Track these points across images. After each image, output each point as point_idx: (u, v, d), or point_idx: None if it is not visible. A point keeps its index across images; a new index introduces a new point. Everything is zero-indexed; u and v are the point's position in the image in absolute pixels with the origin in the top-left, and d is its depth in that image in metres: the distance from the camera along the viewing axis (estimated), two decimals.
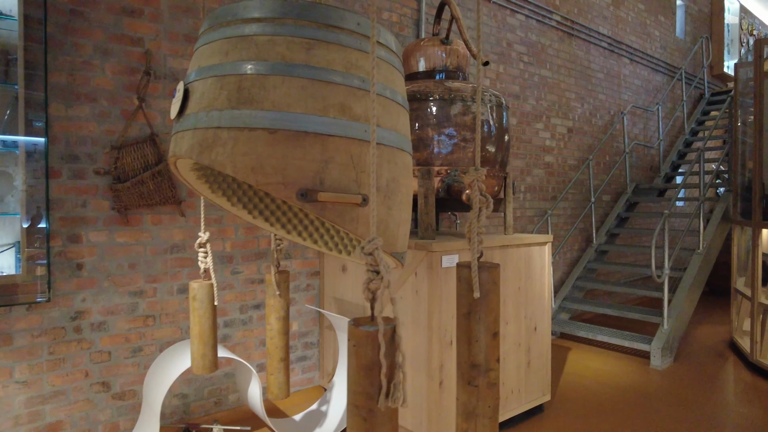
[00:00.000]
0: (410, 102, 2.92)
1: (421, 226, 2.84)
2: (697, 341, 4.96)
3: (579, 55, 5.86)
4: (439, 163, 2.90)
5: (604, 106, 6.27)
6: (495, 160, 3.06)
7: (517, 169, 5.12)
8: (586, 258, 5.63)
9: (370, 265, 0.98)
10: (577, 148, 5.85)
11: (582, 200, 5.91)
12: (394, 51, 1.51)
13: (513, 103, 5.05)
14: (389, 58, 1.45)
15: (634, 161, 6.73)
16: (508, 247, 3.01)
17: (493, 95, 3.07)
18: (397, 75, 1.50)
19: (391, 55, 1.47)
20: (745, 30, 9.95)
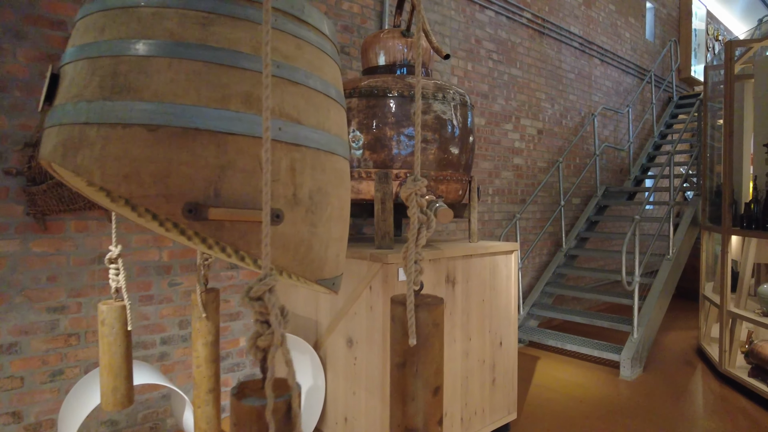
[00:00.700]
0: (367, 98, 2.67)
1: (377, 234, 2.60)
2: (666, 348, 4.87)
3: (550, 54, 5.71)
4: (399, 165, 2.66)
5: (575, 107, 6.15)
6: (459, 162, 2.84)
7: (485, 172, 4.93)
8: (555, 263, 5.49)
9: (259, 314, 0.73)
10: (546, 150, 5.71)
11: (551, 203, 5.77)
12: (326, 35, 1.25)
13: (481, 103, 4.86)
14: (318, 42, 1.19)
15: (604, 164, 6.65)
16: (472, 256, 2.79)
17: (456, 93, 2.85)
18: (329, 63, 1.24)
19: (322, 39, 1.22)
20: (711, 35, 10.06)
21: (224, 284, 3.16)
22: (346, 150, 1.29)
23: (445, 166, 2.75)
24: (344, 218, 1.25)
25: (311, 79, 1.13)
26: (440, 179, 2.74)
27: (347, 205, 1.28)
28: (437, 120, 2.69)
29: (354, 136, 2.68)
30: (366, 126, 2.66)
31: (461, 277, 2.73)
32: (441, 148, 2.71)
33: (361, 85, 2.70)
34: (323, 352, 2.82)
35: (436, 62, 4.38)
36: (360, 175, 2.70)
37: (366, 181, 2.70)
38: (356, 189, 2.74)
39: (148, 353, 2.88)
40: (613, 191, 6.32)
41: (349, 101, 2.72)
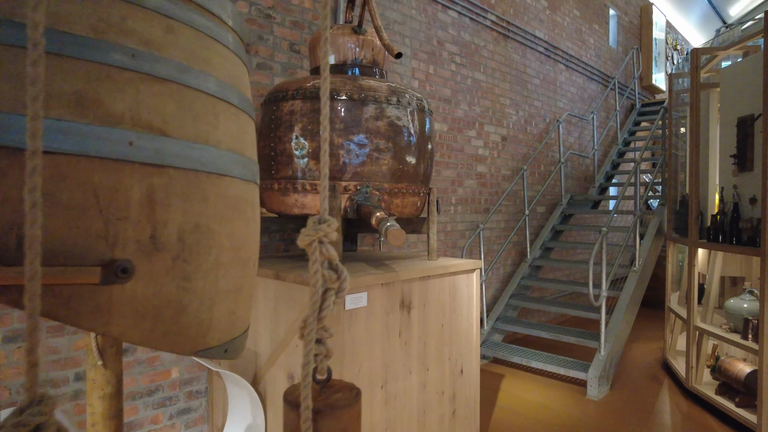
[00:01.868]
0: (312, 101, 2.37)
1: None
2: (632, 363, 4.74)
3: (515, 58, 5.55)
4: (348, 176, 2.37)
5: (540, 113, 6.01)
6: (416, 173, 2.57)
7: (447, 180, 4.69)
8: (520, 273, 5.31)
9: None
10: (511, 157, 5.53)
11: (516, 212, 5.59)
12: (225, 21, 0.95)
13: (444, 108, 4.63)
14: (208, 27, 0.89)
15: (569, 171, 6.54)
16: (430, 278, 2.53)
17: (414, 97, 2.58)
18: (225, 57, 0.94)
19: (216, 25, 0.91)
20: (670, 44, 10.21)
21: None
22: (249, 169, 0.99)
23: (400, 177, 2.48)
24: (243, 261, 0.94)
25: (189, 74, 0.82)
26: (395, 192, 2.46)
27: (250, 243, 0.98)
28: (391, 126, 2.42)
29: (297, 143, 2.38)
30: (311, 132, 2.36)
31: (418, 300, 2.46)
32: (396, 158, 2.44)
33: (306, 86, 2.40)
34: (263, 387, 2.50)
35: (396, 64, 4.12)
36: (304, 188, 2.40)
37: (311, 194, 2.40)
38: (301, 203, 2.43)
39: (59, 391, 2.49)
40: (578, 199, 6.21)
41: (292, 103, 2.42)
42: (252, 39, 3.18)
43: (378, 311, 2.26)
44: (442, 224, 4.63)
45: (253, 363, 2.57)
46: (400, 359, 2.37)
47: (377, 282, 2.23)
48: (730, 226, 3.50)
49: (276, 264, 2.61)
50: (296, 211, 2.46)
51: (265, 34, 3.25)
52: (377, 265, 2.55)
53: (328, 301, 0.66)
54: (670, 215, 4.66)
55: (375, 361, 2.24)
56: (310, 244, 0.65)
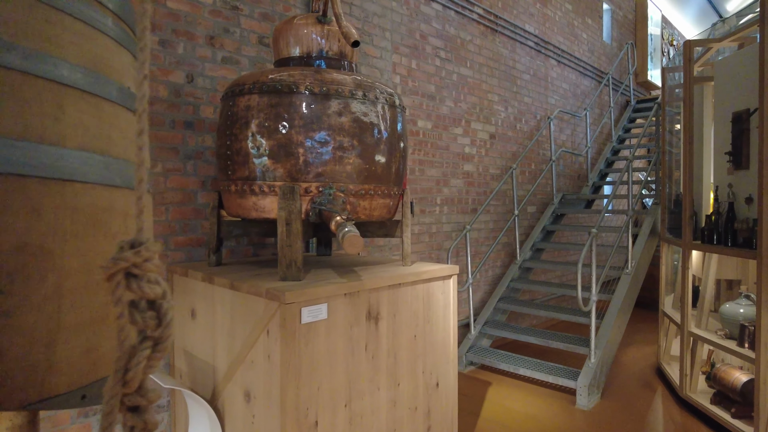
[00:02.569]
0: (269, 95, 2.18)
1: (281, 263, 2.12)
2: (624, 369, 4.56)
3: (503, 53, 5.36)
4: (310, 177, 2.18)
5: (530, 110, 5.83)
6: (386, 173, 2.39)
7: (432, 180, 4.51)
8: (509, 276, 5.13)
9: None
10: (499, 155, 5.35)
11: (505, 212, 5.41)
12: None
13: (428, 105, 4.44)
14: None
15: (561, 170, 6.37)
16: (401, 285, 2.34)
17: (384, 92, 2.40)
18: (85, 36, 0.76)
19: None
20: (666, 39, 10.03)
21: None
22: (119, 172, 0.80)
23: (367, 178, 2.29)
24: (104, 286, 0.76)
25: (14, 53, 0.64)
26: (361, 194, 2.28)
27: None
28: (357, 123, 2.23)
29: (254, 141, 2.19)
30: (268, 129, 2.17)
31: (387, 311, 2.28)
32: (362, 157, 2.25)
33: (264, 79, 2.22)
34: (221, 403, 2.32)
35: (375, 58, 3.94)
36: (262, 190, 2.21)
37: (270, 196, 2.21)
38: (259, 206, 2.24)
39: None
40: (571, 198, 6.03)
41: (248, 98, 2.23)
42: (216, 31, 2.99)
43: (340, 324, 2.08)
44: (426, 225, 4.45)
45: (211, 377, 2.39)
46: (367, 375, 2.19)
47: (339, 292, 2.05)
48: (726, 227, 3.33)
49: (238, 271, 2.43)
50: (254, 214, 2.28)
51: (231, 26, 3.06)
52: (345, 273, 2.37)
53: (140, 356, 0.47)
54: (664, 215, 4.48)
55: (337, 379, 2.06)
56: (111, 277, 0.46)
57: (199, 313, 2.50)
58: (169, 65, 2.80)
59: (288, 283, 2.05)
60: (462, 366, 4.45)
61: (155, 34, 2.74)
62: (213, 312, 2.37)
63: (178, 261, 2.85)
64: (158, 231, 2.76)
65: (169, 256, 2.81)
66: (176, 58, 2.82)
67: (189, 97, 2.87)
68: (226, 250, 3.06)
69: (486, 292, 5.18)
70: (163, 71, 2.77)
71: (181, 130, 2.85)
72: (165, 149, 2.78)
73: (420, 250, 4.39)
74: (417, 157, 4.35)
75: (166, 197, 2.79)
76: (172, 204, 2.81)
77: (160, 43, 2.76)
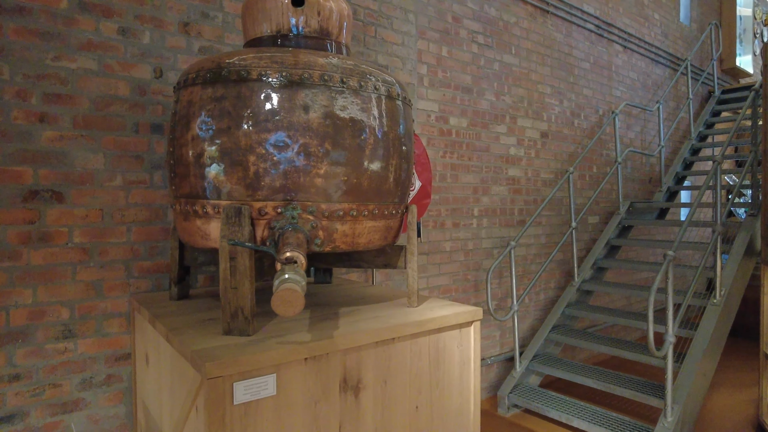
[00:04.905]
0: (213, 86, 1.64)
1: (223, 312, 1.56)
2: (712, 422, 3.65)
3: (557, 38, 4.58)
4: (264, 193, 1.61)
5: (591, 103, 4.99)
6: (380, 186, 1.78)
7: (468, 187, 3.83)
8: (564, 300, 4.34)
9: None
10: (553, 157, 4.57)
11: (560, 224, 4.62)
12: None
13: (462, 99, 3.77)
14: None
15: (628, 173, 5.45)
16: (396, 341, 1.72)
17: (381, 80, 1.79)
18: None
19: None
20: (760, 19, 8.67)
21: (53, 361, 2.17)
22: None
23: (349, 194, 1.69)
24: None
25: None
26: (339, 215, 1.68)
27: None
28: (330, 120, 1.64)
29: (195, 146, 1.65)
30: (212, 130, 1.63)
31: (374, 376, 1.67)
32: (341, 165, 1.66)
33: (209, 66, 1.67)
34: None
35: (395, 45, 3.32)
36: (205, 211, 1.67)
37: (215, 219, 1.66)
38: (205, 232, 1.70)
39: None
40: (640, 207, 5.11)
41: (191, 91, 1.70)
42: (192, 16, 2.51)
43: (298, 400, 1.49)
44: (461, 241, 3.78)
45: None
46: None
47: (296, 356, 1.46)
48: None
49: (194, 311, 1.91)
50: (201, 242, 1.74)
51: (211, 10, 2.57)
52: (323, 318, 1.78)
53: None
54: (765, 229, 3.55)
55: None
56: None
57: (151, 359, 2.00)
58: (131, 58, 2.33)
59: (228, 341, 1.49)
60: (503, 409, 3.74)
61: (113, 20, 2.28)
62: (159, 362, 1.87)
63: (144, 291, 2.38)
64: (117, 255, 2.29)
65: (132, 285, 2.34)
66: (141, 50, 2.36)
67: (157, 95, 2.40)
68: (204, 276, 2.56)
69: (536, 319, 4.42)
70: (123, 65, 2.31)
71: (147, 134, 2.37)
72: (126, 158, 2.32)
73: (453, 271, 3.72)
74: (449, 161, 3.69)
75: (128, 215, 2.32)
76: (135, 223, 2.34)
77: (120, 31, 2.30)
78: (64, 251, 2.17)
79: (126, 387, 2.33)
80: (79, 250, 2.20)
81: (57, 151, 2.15)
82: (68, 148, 2.18)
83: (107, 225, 2.27)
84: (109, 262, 2.27)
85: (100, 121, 2.25)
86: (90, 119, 2.23)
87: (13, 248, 2.07)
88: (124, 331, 2.32)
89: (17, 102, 2.07)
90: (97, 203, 2.25)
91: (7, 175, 2.06)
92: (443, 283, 3.65)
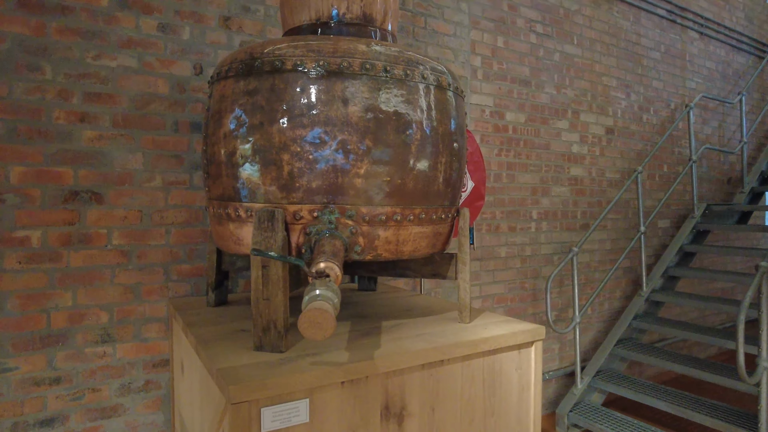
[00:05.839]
0: (246, 78, 1.50)
1: (255, 325, 1.42)
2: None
3: (623, 25, 4.20)
4: (300, 197, 1.46)
5: (661, 96, 4.56)
6: (429, 187, 1.59)
7: (526, 188, 3.56)
8: (631, 311, 3.96)
9: None
10: (620, 155, 4.20)
11: (627, 229, 4.24)
12: None
13: (519, 92, 3.50)
14: None
15: (704, 172, 4.96)
16: (447, 362, 1.52)
17: (429, 69, 1.60)
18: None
19: None
20: None
21: (92, 365, 2.12)
22: None
23: (393, 195, 1.51)
24: None
25: None
26: (381, 220, 1.50)
27: None
28: (373, 114, 1.46)
29: (227, 144, 1.52)
30: (246, 127, 1.49)
31: (420, 402, 1.48)
32: (384, 164, 1.48)
33: (242, 57, 1.54)
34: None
35: (446, 36, 3.11)
36: (238, 214, 1.54)
37: (248, 224, 1.53)
38: (238, 237, 1.57)
39: None
40: (718, 210, 4.62)
41: (223, 85, 1.57)
42: (233, 10, 2.41)
43: (334, 430, 1.32)
44: (517, 247, 3.51)
45: None
46: None
47: (332, 379, 1.30)
48: None
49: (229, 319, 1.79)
50: (235, 248, 1.61)
51: (252, 3, 2.46)
52: (361, 334, 1.61)
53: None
54: None
55: None
56: None
57: (186, 368, 1.91)
58: (171, 54, 2.26)
59: (258, 358, 1.35)
60: (562, 429, 3.44)
61: (152, 17, 2.22)
62: (192, 373, 1.76)
63: (183, 295, 2.31)
64: (156, 258, 2.23)
65: (170, 289, 2.26)
66: (181, 46, 2.28)
67: (197, 92, 2.31)
68: (245, 281, 2.46)
69: (599, 331, 4.07)
70: (163, 62, 2.24)
71: (186, 133, 2.29)
72: (165, 158, 2.25)
73: (508, 278, 3.46)
74: (505, 159, 3.44)
75: (167, 216, 2.25)
76: (174, 225, 2.27)
77: (160, 27, 2.23)
78: (104, 253, 2.12)
79: (164, 394, 2.26)
80: (118, 252, 2.15)
81: (96, 151, 2.11)
82: (107, 148, 2.13)
83: (146, 227, 2.21)
84: (147, 265, 2.21)
85: (139, 120, 2.19)
86: (129, 118, 2.17)
87: (55, 250, 2.04)
88: (162, 337, 2.25)
89: (59, 102, 2.04)
90: (136, 204, 2.18)
91: (49, 176, 2.03)
92: (497, 291, 3.40)
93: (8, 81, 1.95)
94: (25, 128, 1.98)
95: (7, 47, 1.95)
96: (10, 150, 1.96)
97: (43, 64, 2.01)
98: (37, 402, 2.02)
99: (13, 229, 1.96)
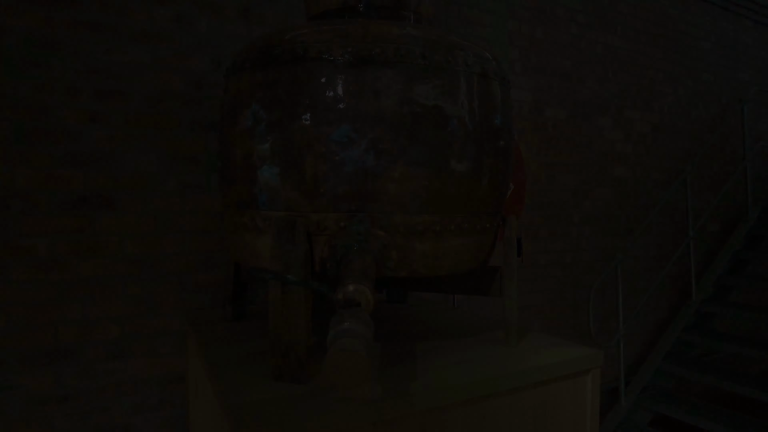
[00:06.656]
0: (265, 70, 1.32)
1: (273, 351, 1.24)
2: None
3: (671, 14, 3.90)
4: (324, 204, 1.26)
5: (711, 91, 4.24)
6: (474, 191, 1.38)
7: (567, 190, 3.31)
8: (680, 324, 3.67)
9: None
10: (666, 154, 3.90)
11: (674, 233, 3.94)
12: None
13: (560, 87, 3.26)
14: None
15: (760, 172, 4.60)
16: (491, 398, 1.31)
17: (473, 55, 1.39)
18: None
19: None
20: None
21: (102, 382, 1.98)
22: None
23: (431, 202, 1.31)
24: None
25: None
26: (418, 231, 1.30)
27: None
28: (409, 108, 1.26)
29: (243, 143, 1.34)
30: (264, 125, 1.31)
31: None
32: (421, 166, 1.28)
33: (260, 45, 1.36)
34: None
35: (481, 26, 2.89)
36: (255, 224, 1.35)
37: (266, 234, 1.34)
38: (254, 249, 1.39)
39: None
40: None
41: (239, 78, 1.39)
42: (253, 1, 2.24)
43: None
44: (557, 254, 3.26)
45: None
46: None
47: (362, 420, 1.10)
48: None
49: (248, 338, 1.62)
50: (251, 260, 1.43)
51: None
52: (393, 361, 1.41)
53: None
54: None
55: None
56: None
57: (199, 390, 1.74)
58: (186, 48, 2.10)
59: (275, 391, 1.16)
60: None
61: (167, 7, 2.06)
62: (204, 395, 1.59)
63: (200, 307, 2.15)
64: (171, 267, 2.07)
65: (186, 301, 2.11)
66: (197, 39, 2.12)
67: (214, 89, 2.15)
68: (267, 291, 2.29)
69: (644, 344, 3.79)
70: (178, 56, 2.09)
71: (203, 133, 2.14)
72: (180, 159, 2.09)
73: (547, 288, 3.22)
74: (544, 159, 3.19)
75: (183, 222, 2.10)
76: (190, 231, 2.11)
77: (175, 19, 2.08)
78: (114, 263, 1.98)
79: (180, 414, 2.11)
80: (129, 261, 2.00)
81: (106, 152, 1.96)
82: (118, 150, 1.98)
83: (160, 233, 2.05)
84: (162, 274, 2.06)
85: (153, 119, 2.04)
86: (142, 117, 2.02)
87: (63, 259, 1.90)
88: (177, 352, 2.09)
89: (67, 100, 1.90)
90: (149, 210, 2.03)
91: (57, 180, 1.89)
92: (536, 302, 3.16)
93: (14, 78, 1.82)
94: (31, 129, 1.85)
95: (12, 42, 1.82)
96: (15, 152, 1.83)
97: (51, 60, 1.88)
98: (44, 422, 1.88)
99: (19, 238, 1.83)
